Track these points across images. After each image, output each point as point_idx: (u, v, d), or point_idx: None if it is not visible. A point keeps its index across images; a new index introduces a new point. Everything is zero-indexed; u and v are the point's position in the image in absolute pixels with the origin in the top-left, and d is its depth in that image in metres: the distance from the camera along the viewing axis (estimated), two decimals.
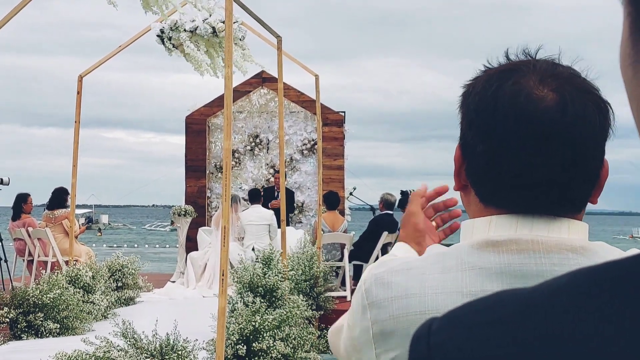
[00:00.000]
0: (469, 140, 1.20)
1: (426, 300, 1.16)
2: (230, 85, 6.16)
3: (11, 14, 7.41)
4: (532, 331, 0.59)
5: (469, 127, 1.20)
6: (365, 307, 1.22)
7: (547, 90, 1.14)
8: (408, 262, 1.23)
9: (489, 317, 0.63)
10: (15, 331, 8.32)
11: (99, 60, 10.61)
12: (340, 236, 11.91)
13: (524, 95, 1.14)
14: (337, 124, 15.58)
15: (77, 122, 10.46)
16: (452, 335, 0.64)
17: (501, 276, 1.13)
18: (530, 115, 1.13)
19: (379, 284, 1.21)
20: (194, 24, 9.33)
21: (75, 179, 10.54)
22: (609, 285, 0.59)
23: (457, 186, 1.27)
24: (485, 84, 1.19)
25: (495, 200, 1.19)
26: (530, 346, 0.59)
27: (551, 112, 1.13)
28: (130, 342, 5.65)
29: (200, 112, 15.83)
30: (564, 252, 1.14)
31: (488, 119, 1.16)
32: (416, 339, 0.68)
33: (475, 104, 1.19)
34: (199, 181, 15.70)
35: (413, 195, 1.55)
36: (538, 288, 0.64)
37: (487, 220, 1.19)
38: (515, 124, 1.13)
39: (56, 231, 11.77)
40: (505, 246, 1.15)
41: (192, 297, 11.46)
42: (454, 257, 1.18)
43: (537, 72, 1.17)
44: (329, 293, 10.29)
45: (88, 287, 9.56)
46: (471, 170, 1.22)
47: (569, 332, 0.58)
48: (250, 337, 6.52)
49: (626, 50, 0.65)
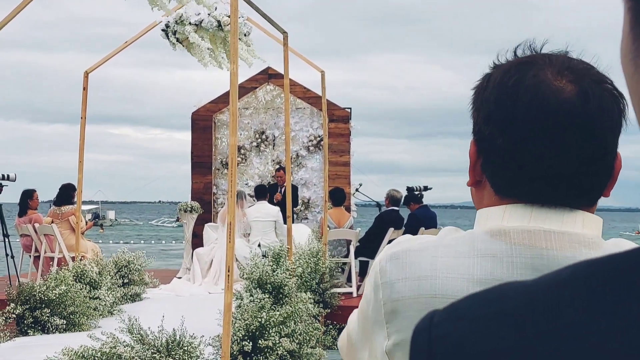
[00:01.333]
0: (486, 134, 1.20)
1: (437, 283, 1.16)
2: (236, 82, 6.16)
3: (17, 10, 7.42)
4: (534, 325, 0.59)
5: (486, 120, 1.20)
6: (378, 286, 1.23)
7: (566, 81, 1.15)
8: (422, 243, 1.24)
9: (491, 310, 0.63)
10: (22, 327, 8.34)
11: (105, 56, 10.62)
12: (346, 232, 11.91)
13: (545, 86, 1.14)
14: (343, 120, 15.57)
15: (83, 119, 10.47)
16: (454, 329, 0.64)
17: (512, 266, 1.13)
18: (552, 106, 1.13)
19: (394, 263, 1.22)
20: (199, 17, 9.33)
21: (82, 175, 10.55)
22: (612, 279, 0.59)
23: (471, 181, 1.27)
24: (503, 76, 1.19)
25: (513, 193, 1.19)
26: (532, 340, 0.58)
27: (572, 103, 1.13)
28: (137, 338, 5.66)
29: (206, 109, 15.84)
30: (576, 246, 1.14)
31: (509, 110, 1.16)
32: (417, 331, 0.67)
33: (495, 97, 1.19)
34: (205, 177, 15.71)
35: None
36: (540, 281, 0.63)
37: (501, 209, 1.20)
38: (537, 114, 1.14)
39: (62, 227, 11.80)
40: (518, 236, 1.15)
41: (198, 293, 11.47)
42: (467, 243, 1.18)
43: (553, 65, 1.17)
44: (335, 289, 10.28)
45: (94, 283, 9.59)
46: (489, 164, 1.21)
47: (571, 326, 0.58)
48: (256, 334, 6.52)
49: (627, 45, 0.64)
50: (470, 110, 1.25)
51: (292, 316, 6.99)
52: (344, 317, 8.77)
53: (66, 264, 10.31)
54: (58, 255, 11.38)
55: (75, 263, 10.11)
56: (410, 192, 13.49)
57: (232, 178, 5.81)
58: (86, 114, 10.49)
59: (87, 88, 10.51)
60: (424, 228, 12.02)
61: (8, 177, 12.12)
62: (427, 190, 13.79)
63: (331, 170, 13.30)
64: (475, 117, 1.24)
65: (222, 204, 15.11)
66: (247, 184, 15.49)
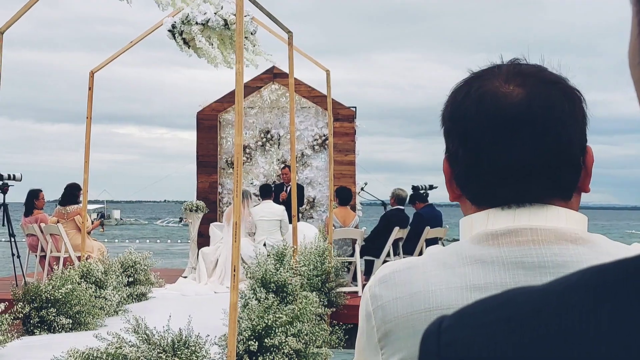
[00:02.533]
0: (450, 149, 1.26)
1: (430, 296, 1.16)
2: (242, 81, 6.16)
3: (24, 10, 7.43)
4: (544, 330, 0.59)
5: (448, 136, 1.26)
6: (369, 313, 1.23)
7: (513, 86, 1.21)
8: (409, 262, 1.25)
9: (500, 315, 0.63)
10: (28, 326, 8.36)
11: (111, 55, 10.64)
12: (352, 231, 11.91)
13: (489, 95, 1.20)
14: (348, 120, 15.56)
15: (88, 118, 10.49)
16: (463, 334, 0.64)
17: (503, 268, 1.15)
18: (498, 111, 1.19)
19: (383, 286, 1.23)
20: (205, 17, 9.34)
21: (87, 175, 10.58)
22: (620, 284, 0.58)
23: (452, 197, 1.31)
24: (455, 93, 1.26)
25: (486, 199, 1.23)
26: (541, 345, 0.58)
27: (517, 105, 1.18)
28: (143, 338, 5.66)
29: (212, 108, 15.85)
30: (562, 242, 1.16)
31: (460, 123, 1.23)
32: (426, 337, 0.67)
33: (449, 113, 1.26)
34: (210, 177, 15.73)
35: None
36: (549, 286, 0.63)
37: (484, 214, 1.22)
38: (486, 122, 1.19)
39: (68, 227, 11.82)
40: (505, 238, 1.17)
41: (203, 293, 11.48)
42: (455, 254, 1.20)
43: (502, 74, 1.23)
44: (341, 288, 10.29)
45: (100, 283, 9.60)
46: (458, 177, 1.26)
47: (580, 331, 0.58)
48: (262, 333, 6.53)
49: (634, 49, 0.64)
50: (441, 129, 1.31)
51: (298, 316, 6.99)
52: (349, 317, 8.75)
53: (72, 264, 10.32)
54: (64, 254, 11.40)
55: (81, 262, 10.13)
56: (415, 191, 13.49)
57: (238, 177, 5.81)
58: (92, 113, 10.50)
59: (92, 88, 10.53)
60: (430, 227, 12.02)
61: (14, 177, 12.15)
62: (432, 189, 13.78)
63: (336, 169, 13.30)
64: (443, 134, 1.29)
65: (228, 203, 15.13)
66: (253, 183, 15.50)
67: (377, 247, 11.57)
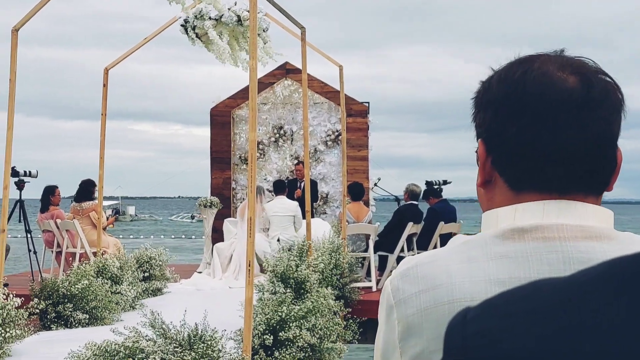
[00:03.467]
0: (495, 129, 1.22)
1: (454, 289, 1.16)
2: (255, 77, 6.18)
3: (39, 7, 7.49)
4: (570, 321, 0.60)
5: (494, 117, 1.23)
6: (391, 307, 1.22)
7: (567, 73, 1.20)
8: (432, 255, 1.24)
9: (526, 306, 0.63)
10: (45, 322, 8.43)
11: (125, 52, 10.68)
12: (365, 227, 11.91)
13: (549, 77, 1.19)
14: (361, 115, 15.55)
15: (103, 115, 10.55)
16: (488, 325, 0.64)
17: (528, 263, 1.14)
18: (559, 93, 1.18)
19: (405, 280, 1.21)
20: (218, 12, 9.36)
21: (103, 171, 10.64)
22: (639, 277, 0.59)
23: (481, 181, 1.28)
24: (507, 72, 1.23)
25: (528, 183, 1.21)
26: (568, 336, 0.59)
27: (577, 90, 1.18)
28: (159, 332, 5.70)
29: (225, 104, 15.88)
30: (589, 239, 1.15)
31: (518, 100, 1.20)
32: (451, 327, 0.68)
33: (502, 91, 1.22)
34: (224, 173, 15.77)
35: None
36: (574, 277, 0.64)
37: (512, 209, 1.21)
38: (547, 101, 1.18)
39: (83, 223, 11.89)
40: (532, 233, 1.16)
41: (218, 288, 11.53)
42: (479, 247, 1.19)
43: (553, 61, 1.22)
44: (355, 284, 10.30)
45: (115, 278, 9.66)
46: (501, 159, 1.23)
47: (607, 321, 0.58)
48: (277, 327, 6.56)
49: None
50: (472, 117, 1.29)
51: (313, 311, 7.01)
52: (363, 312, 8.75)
53: (88, 259, 10.39)
54: (80, 250, 11.48)
55: (96, 258, 10.20)
56: (429, 186, 13.48)
57: (252, 173, 5.84)
58: (106, 110, 10.56)
59: (107, 84, 10.58)
60: (444, 222, 12.01)
61: (30, 174, 12.24)
62: (446, 184, 13.77)
63: (349, 164, 13.30)
64: (479, 120, 1.26)
65: (241, 199, 15.16)
66: (266, 179, 15.52)
67: (390, 243, 11.57)
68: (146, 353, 5.49)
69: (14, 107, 7.35)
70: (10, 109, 7.31)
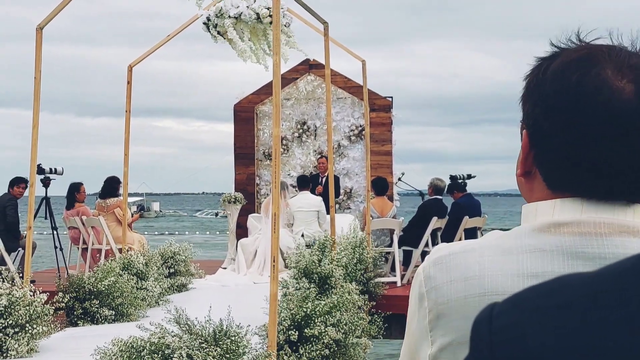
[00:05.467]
0: (544, 128, 1.20)
1: (485, 282, 1.15)
2: (279, 73, 6.18)
3: (62, 5, 7.54)
4: (599, 315, 0.59)
5: (545, 115, 1.19)
6: (423, 294, 1.21)
7: (626, 81, 1.15)
8: (466, 245, 1.23)
9: (554, 301, 0.63)
10: (72, 318, 8.51)
11: (148, 50, 10.73)
12: (389, 222, 11.89)
13: (607, 86, 1.15)
14: (384, 110, 15.53)
15: (127, 112, 10.61)
16: (515, 320, 0.64)
17: (562, 257, 1.13)
18: (614, 107, 1.14)
19: (438, 268, 1.21)
20: (238, 10, 9.37)
21: (127, 168, 10.71)
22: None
23: (521, 172, 1.26)
24: (564, 71, 1.19)
25: (567, 188, 1.19)
26: (597, 330, 0.58)
27: (632, 104, 1.14)
28: (184, 328, 5.72)
29: (248, 100, 15.92)
30: (625, 235, 1.14)
31: (571, 109, 1.16)
32: (477, 323, 0.67)
33: (555, 92, 1.18)
34: (247, 168, 15.81)
35: None
36: (603, 271, 0.63)
37: (551, 203, 1.20)
38: (599, 115, 1.14)
39: (109, 219, 11.97)
40: (568, 227, 1.15)
41: (243, 283, 11.57)
42: (514, 240, 1.18)
43: (613, 62, 1.17)
44: (379, 279, 10.29)
45: (141, 274, 9.72)
46: (544, 158, 1.21)
47: (637, 316, 0.57)
48: (301, 323, 6.56)
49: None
50: (521, 100, 1.25)
51: (337, 306, 7.01)
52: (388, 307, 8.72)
53: (113, 256, 10.46)
54: (105, 247, 11.56)
55: (122, 254, 10.26)
56: (453, 181, 13.41)
57: (276, 169, 5.84)
58: (131, 107, 10.62)
59: (131, 82, 10.64)
60: (468, 217, 11.95)
61: (56, 171, 12.35)
62: (470, 179, 13.69)
63: (373, 159, 13.27)
64: (528, 108, 1.23)
65: (265, 194, 15.20)
66: (290, 174, 15.54)
67: (415, 237, 11.54)
68: (172, 349, 5.52)
69: (39, 105, 7.40)
70: (35, 107, 7.37)
